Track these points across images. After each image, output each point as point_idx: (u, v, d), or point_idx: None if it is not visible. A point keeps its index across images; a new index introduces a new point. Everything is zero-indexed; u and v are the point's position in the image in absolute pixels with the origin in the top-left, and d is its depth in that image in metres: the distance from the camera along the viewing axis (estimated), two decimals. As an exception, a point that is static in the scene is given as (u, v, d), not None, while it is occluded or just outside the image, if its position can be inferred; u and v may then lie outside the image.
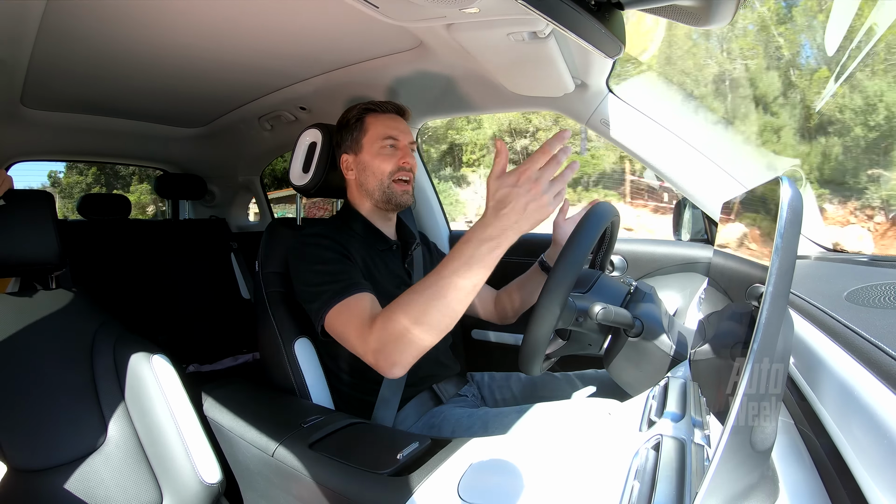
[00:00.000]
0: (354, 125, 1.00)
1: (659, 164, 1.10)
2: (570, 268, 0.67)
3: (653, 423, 0.51)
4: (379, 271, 0.96)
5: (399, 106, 1.04)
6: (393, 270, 1.00)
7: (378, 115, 1.00)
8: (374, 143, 0.98)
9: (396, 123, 1.01)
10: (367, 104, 1.02)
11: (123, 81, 1.32)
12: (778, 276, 0.33)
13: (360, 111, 1.01)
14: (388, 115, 1.01)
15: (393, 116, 1.02)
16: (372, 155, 0.98)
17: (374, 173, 0.98)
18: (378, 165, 0.97)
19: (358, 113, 1.01)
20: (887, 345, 0.36)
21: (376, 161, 0.98)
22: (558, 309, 0.66)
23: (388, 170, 0.97)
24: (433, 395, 1.00)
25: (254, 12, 0.93)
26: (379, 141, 0.98)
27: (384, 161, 0.97)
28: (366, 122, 1.00)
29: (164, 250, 2.06)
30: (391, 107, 1.02)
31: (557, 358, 0.81)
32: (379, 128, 0.99)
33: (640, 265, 1.29)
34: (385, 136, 0.98)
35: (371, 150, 0.98)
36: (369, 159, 0.98)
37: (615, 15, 0.67)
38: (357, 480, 0.66)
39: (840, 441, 0.36)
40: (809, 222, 1.06)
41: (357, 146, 1.00)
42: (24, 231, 0.91)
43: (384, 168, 0.97)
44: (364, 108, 1.01)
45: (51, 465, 0.83)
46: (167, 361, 0.97)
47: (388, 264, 0.99)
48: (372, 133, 0.99)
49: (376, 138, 0.98)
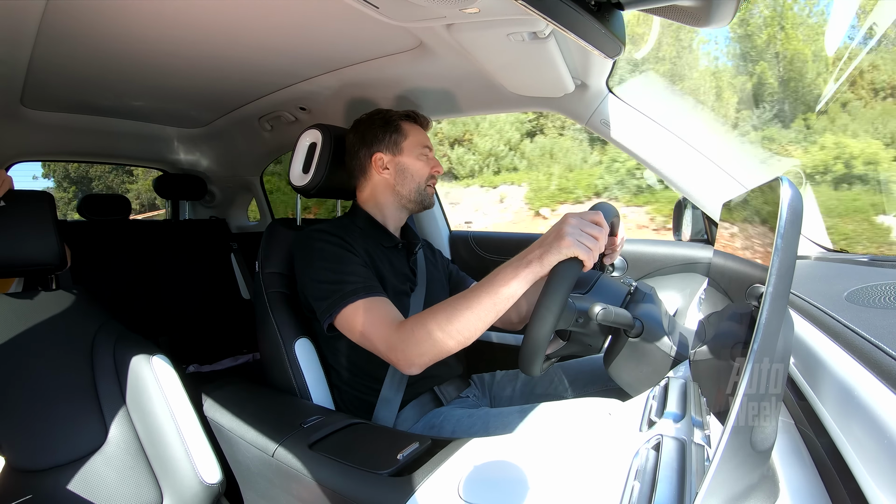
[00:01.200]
0: (394, 127, 1.05)
1: (659, 164, 1.10)
2: (570, 268, 0.67)
3: (653, 423, 0.51)
4: (384, 268, 0.98)
5: (429, 120, 1.12)
6: (398, 268, 1.02)
7: (414, 125, 1.08)
8: (414, 149, 1.04)
9: (427, 137, 1.09)
10: (408, 112, 1.08)
11: (123, 81, 1.32)
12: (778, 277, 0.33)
13: (399, 115, 1.07)
14: (422, 127, 1.10)
15: (424, 131, 1.10)
16: (412, 159, 1.04)
17: (412, 176, 1.04)
18: (419, 169, 1.04)
19: (397, 117, 1.06)
20: (887, 345, 0.36)
21: (416, 165, 1.04)
22: (558, 309, 0.66)
23: (426, 174, 1.05)
24: (434, 396, 1.00)
25: (254, 13, 0.93)
26: (419, 147, 1.05)
27: (423, 166, 1.05)
28: (404, 128, 1.05)
29: (164, 251, 2.06)
30: (426, 122, 1.11)
31: (557, 358, 0.81)
32: (419, 136, 1.06)
33: (640, 265, 1.29)
34: (423, 145, 1.06)
35: (412, 154, 1.04)
36: (410, 162, 1.04)
37: (615, 15, 0.67)
38: (357, 481, 0.66)
39: (840, 441, 0.36)
40: (809, 222, 1.06)
41: (396, 147, 1.04)
42: (24, 231, 0.91)
43: (423, 172, 1.05)
44: (404, 114, 1.07)
45: (51, 465, 0.83)
46: (167, 362, 0.97)
47: (392, 262, 1.02)
48: (412, 139, 1.05)
49: (417, 144, 1.05)
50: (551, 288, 0.67)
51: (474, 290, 0.75)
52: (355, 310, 0.84)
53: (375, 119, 1.06)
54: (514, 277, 0.71)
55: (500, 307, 0.73)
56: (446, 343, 0.75)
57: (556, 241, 0.68)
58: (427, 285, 1.06)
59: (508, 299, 0.72)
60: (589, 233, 0.69)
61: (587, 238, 0.68)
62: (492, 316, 0.73)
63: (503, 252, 1.51)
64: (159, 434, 0.90)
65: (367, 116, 1.07)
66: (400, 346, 0.78)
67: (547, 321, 0.66)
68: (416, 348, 0.77)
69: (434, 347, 0.76)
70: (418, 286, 1.04)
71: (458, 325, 0.74)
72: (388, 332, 0.80)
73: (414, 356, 0.77)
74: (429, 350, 0.76)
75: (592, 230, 0.69)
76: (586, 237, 0.68)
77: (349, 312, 0.84)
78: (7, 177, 0.91)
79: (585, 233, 0.69)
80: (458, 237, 1.62)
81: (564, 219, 0.71)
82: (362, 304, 0.84)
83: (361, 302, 0.84)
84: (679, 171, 1.09)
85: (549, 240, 0.70)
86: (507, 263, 0.74)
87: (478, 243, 1.57)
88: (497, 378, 1.11)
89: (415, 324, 0.78)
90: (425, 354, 0.77)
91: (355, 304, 0.84)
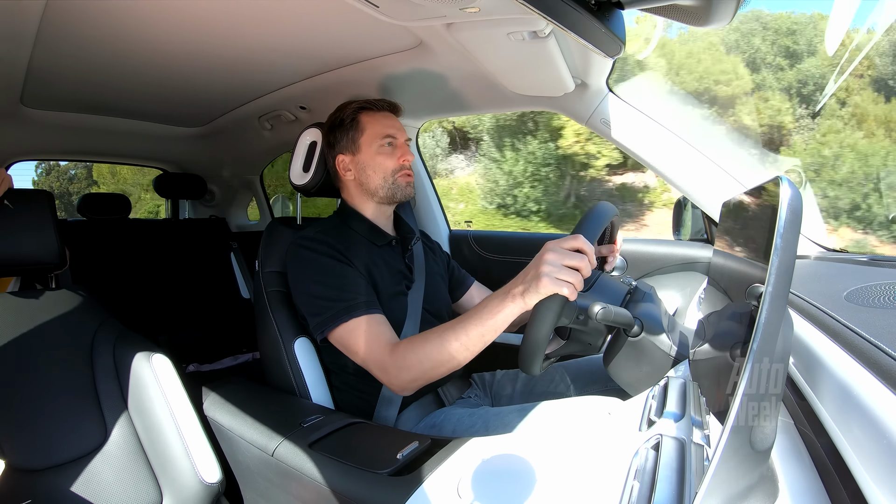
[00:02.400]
0: (350, 125, 0.99)
1: (659, 163, 1.10)
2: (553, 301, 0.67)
3: (653, 423, 0.51)
4: (380, 271, 0.95)
5: (392, 103, 1.03)
6: (393, 267, 1.00)
7: (373, 114, 1.00)
8: (372, 143, 0.98)
9: (392, 122, 1.01)
10: (361, 103, 1.01)
11: (123, 81, 1.32)
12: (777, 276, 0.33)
13: (354, 110, 1.00)
14: (382, 113, 1.01)
15: (387, 115, 1.02)
16: (371, 154, 0.98)
17: (375, 171, 0.98)
18: (381, 163, 0.98)
19: (352, 112, 1.00)
20: (887, 345, 0.36)
21: (378, 159, 0.98)
22: (558, 307, 0.66)
23: (391, 167, 0.98)
24: (436, 397, 1.00)
25: (254, 11, 0.93)
26: (378, 140, 0.98)
27: (386, 159, 0.98)
28: (361, 122, 0.99)
29: (164, 250, 2.06)
30: (385, 104, 1.02)
31: (557, 358, 0.81)
32: (376, 127, 0.99)
33: (640, 265, 1.29)
34: (383, 136, 0.98)
35: (370, 150, 0.98)
36: (369, 158, 0.98)
37: (615, 14, 0.67)
38: (357, 480, 0.66)
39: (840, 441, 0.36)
40: (809, 222, 1.06)
41: (354, 146, 0.99)
42: (24, 231, 0.91)
43: (387, 165, 0.98)
44: (358, 107, 1.00)
45: (51, 464, 0.83)
46: (167, 361, 0.97)
47: (388, 262, 0.99)
48: (370, 132, 0.98)
49: (375, 137, 0.98)
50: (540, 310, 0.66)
51: (463, 320, 0.75)
52: (349, 329, 0.84)
53: (334, 120, 1.01)
54: (500, 310, 0.71)
55: (488, 337, 0.74)
56: (436, 370, 0.78)
57: (535, 282, 0.65)
58: (427, 279, 1.03)
59: (495, 330, 0.73)
60: (568, 265, 0.64)
61: (566, 273, 0.64)
62: (479, 346, 0.75)
63: (503, 251, 1.51)
64: (159, 433, 0.90)
65: (329, 118, 1.03)
66: (392, 371, 0.81)
67: (546, 320, 0.66)
68: (407, 374, 0.80)
69: (424, 375, 0.79)
70: (416, 281, 1.01)
71: (447, 354, 0.76)
72: (381, 355, 0.82)
73: (405, 382, 0.80)
74: (419, 377, 0.79)
75: (572, 261, 0.64)
76: (565, 272, 0.64)
77: (342, 331, 0.84)
78: (7, 176, 0.91)
79: (565, 267, 0.64)
80: (459, 236, 1.62)
81: (542, 253, 0.67)
82: (356, 323, 0.84)
83: (355, 321, 0.84)
84: (679, 170, 1.09)
85: (528, 277, 0.67)
86: (495, 294, 0.72)
87: (478, 243, 1.57)
88: (497, 377, 1.11)
89: (406, 350, 0.80)
90: (416, 381, 0.80)
91: (348, 323, 0.84)
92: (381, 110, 1.01)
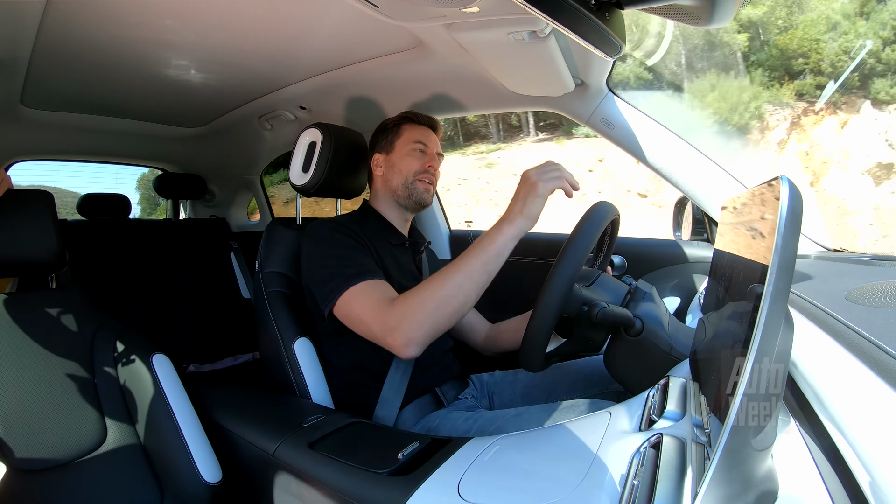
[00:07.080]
0: (391, 129, 1.08)
1: (659, 163, 1.10)
2: (571, 263, 0.67)
3: (653, 423, 0.51)
4: (390, 264, 0.99)
5: (435, 121, 1.12)
6: (404, 266, 1.04)
7: (414, 125, 1.08)
8: (405, 146, 1.06)
9: (428, 134, 1.09)
10: (407, 114, 1.09)
11: (123, 81, 1.32)
12: (778, 276, 0.33)
13: (399, 119, 1.09)
14: (423, 126, 1.09)
15: (426, 129, 1.09)
16: (402, 155, 1.06)
17: (400, 171, 1.05)
18: (407, 164, 1.05)
19: (397, 120, 1.09)
20: (888, 344, 0.36)
21: (405, 160, 1.05)
22: (560, 303, 0.66)
23: (415, 168, 1.04)
24: (434, 398, 1.00)
25: (254, 12, 0.93)
26: (410, 144, 1.05)
27: (412, 161, 1.05)
28: (402, 128, 1.08)
29: (164, 250, 2.06)
30: (427, 120, 1.10)
31: (558, 357, 0.81)
32: (413, 133, 1.07)
33: (640, 265, 1.29)
34: (416, 141, 1.06)
35: (402, 151, 1.06)
36: (398, 158, 1.06)
37: (615, 14, 0.67)
38: (357, 480, 0.66)
39: (840, 441, 0.36)
40: (809, 221, 1.06)
41: (390, 147, 1.07)
42: (23, 231, 0.91)
43: (411, 166, 1.04)
44: (404, 116, 1.09)
45: (51, 464, 0.83)
46: (167, 361, 0.97)
47: (399, 260, 1.03)
48: (406, 137, 1.07)
49: (409, 141, 1.06)
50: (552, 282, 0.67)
51: (463, 255, 0.78)
52: (353, 294, 0.85)
53: (380, 126, 1.11)
54: (499, 236, 0.75)
55: (491, 267, 0.76)
56: (442, 310, 0.76)
57: (532, 190, 0.75)
58: None
59: (498, 258, 0.76)
60: (550, 171, 0.76)
61: (553, 174, 0.76)
62: (484, 278, 0.77)
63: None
64: (159, 433, 0.90)
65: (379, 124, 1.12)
66: (395, 324, 0.78)
67: (548, 316, 0.66)
68: (411, 319, 0.77)
69: (430, 317, 0.76)
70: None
71: (452, 289, 0.76)
72: (383, 312, 0.80)
73: (410, 330, 0.77)
74: (425, 320, 0.76)
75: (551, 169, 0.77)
76: (552, 175, 0.76)
77: (348, 297, 0.85)
78: (6, 176, 0.90)
79: (548, 172, 0.76)
80: (459, 237, 1.62)
81: (523, 175, 0.78)
82: (360, 287, 0.85)
83: (359, 285, 0.85)
84: (679, 169, 1.09)
85: (522, 194, 0.76)
86: (492, 226, 0.78)
87: None
88: (496, 378, 1.11)
89: (407, 295, 0.80)
90: (422, 327, 0.76)
91: (353, 288, 0.85)
92: (423, 124, 1.09)
